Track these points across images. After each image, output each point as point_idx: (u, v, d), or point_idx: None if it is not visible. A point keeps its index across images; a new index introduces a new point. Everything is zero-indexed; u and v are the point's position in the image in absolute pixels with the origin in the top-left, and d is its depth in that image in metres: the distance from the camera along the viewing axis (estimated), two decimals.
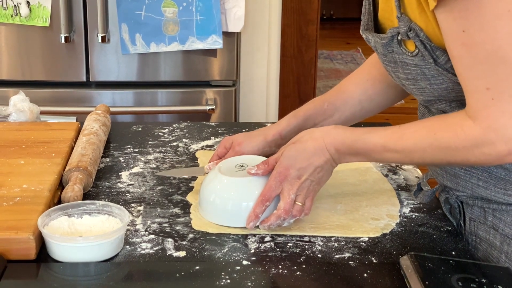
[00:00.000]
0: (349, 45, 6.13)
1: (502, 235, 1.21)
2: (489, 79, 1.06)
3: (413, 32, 1.13)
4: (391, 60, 1.20)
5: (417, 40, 1.13)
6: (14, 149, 1.44)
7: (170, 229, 1.22)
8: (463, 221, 1.27)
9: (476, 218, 1.24)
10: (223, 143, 1.40)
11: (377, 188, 1.39)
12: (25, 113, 1.61)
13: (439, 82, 1.16)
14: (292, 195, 1.21)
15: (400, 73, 1.20)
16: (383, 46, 1.19)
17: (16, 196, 1.24)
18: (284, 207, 1.20)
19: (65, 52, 2.42)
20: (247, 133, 1.42)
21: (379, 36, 1.19)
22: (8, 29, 2.39)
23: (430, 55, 1.13)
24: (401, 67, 1.19)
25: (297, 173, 1.21)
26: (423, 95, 1.21)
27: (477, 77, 1.07)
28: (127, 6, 2.34)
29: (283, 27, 2.87)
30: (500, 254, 1.21)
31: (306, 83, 3.10)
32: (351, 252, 1.16)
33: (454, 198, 1.28)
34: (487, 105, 1.07)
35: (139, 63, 2.45)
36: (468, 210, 1.26)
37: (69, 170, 1.34)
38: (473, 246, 1.26)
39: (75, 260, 1.11)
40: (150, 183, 1.40)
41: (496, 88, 1.06)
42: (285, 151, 1.23)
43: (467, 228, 1.27)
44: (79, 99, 2.47)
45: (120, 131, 1.67)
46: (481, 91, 1.07)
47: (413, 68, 1.17)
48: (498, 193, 1.20)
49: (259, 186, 1.23)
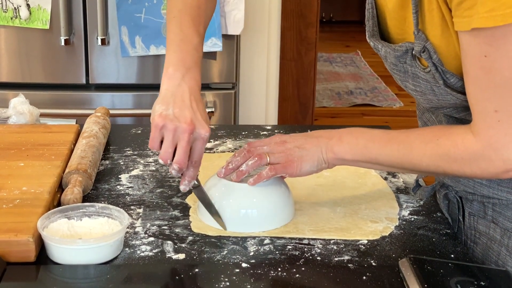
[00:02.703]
0: (349, 48, 6.14)
1: (502, 228, 1.22)
2: (500, 103, 1.07)
3: (427, 53, 1.13)
4: (402, 70, 1.20)
5: (430, 61, 1.13)
6: (14, 151, 1.44)
7: (169, 232, 1.23)
8: (462, 216, 1.28)
9: (476, 212, 1.26)
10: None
11: (376, 191, 1.40)
12: (24, 115, 1.61)
13: (447, 99, 1.17)
14: (266, 148, 1.23)
15: (410, 83, 1.20)
16: (396, 58, 1.19)
17: (15, 199, 1.24)
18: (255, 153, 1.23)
19: (65, 55, 2.42)
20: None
21: (392, 47, 1.19)
22: (8, 31, 2.39)
23: (440, 76, 1.14)
24: (411, 79, 1.19)
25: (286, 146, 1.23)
26: (430, 105, 1.22)
27: (488, 99, 1.08)
28: (127, 9, 2.35)
29: (283, 30, 2.88)
30: (500, 247, 1.22)
31: (305, 86, 3.10)
32: (350, 255, 1.16)
33: (453, 194, 1.29)
34: (492, 126, 1.08)
35: (138, 66, 2.45)
36: (467, 205, 1.27)
37: (69, 173, 1.35)
38: (472, 240, 1.27)
39: (75, 262, 1.12)
40: (149, 185, 1.40)
41: (505, 112, 1.07)
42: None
43: (466, 223, 1.28)
44: (79, 101, 2.47)
45: (119, 133, 1.67)
46: (489, 112, 1.08)
47: (424, 82, 1.17)
48: (501, 192, 1.21)
49: (258, 193, 1.24)
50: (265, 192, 1.24)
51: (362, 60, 5.78)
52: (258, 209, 1.24)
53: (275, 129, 1.74)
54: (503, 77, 1.05)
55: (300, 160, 1.22)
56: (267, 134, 1.68)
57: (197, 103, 1.23)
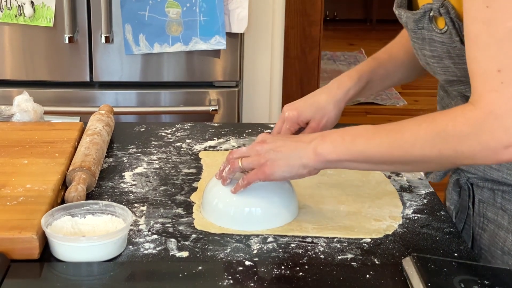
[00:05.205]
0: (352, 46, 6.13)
1: (510, 216, 1.23)
2: (503, 61, 1.02)
3: (445, 8, 1.13)
4: (420, 37, 1.20)
5: (447, 17, 1.13)
6: (18, 149, 1.44)
7: (173, 230, 1.23)
8: (472, 203, 1.29)
9: (486, 199, 1.26)
10: (295, 121, 1.41)
11: (380, 189, 1.40)
12: (29, 113, 1.61)
13: (463, 61, 1.14)
14: (244, 149, 1.23)
15: (427, 50, 1.20)
16: (414, 22, 1.19)
17: (19, 196, 1.24)
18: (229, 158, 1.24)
19: (69, 52, 2.42)
20: (317, 106, 1.41)
21: (412, 12, 1.20)
22: (12, 29, 2.39)
23: (457, 33, 1.13)
24: (428, 44, 1.19)
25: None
26: (446, 74, 1.21)
27: (491, 57, 1.03)
28: (131, 7, 2.35)
29: (287, 28, 2.88)
30: (507, 234, 1.23)
31: (309, 84, 3.10)
32: (354, 253, 1.17)
33: (464, 180, 1.29)
34: (494, 88, 1.03)
35: (142, 64, 2.45)
36: (478, 192, 1.28)
37: (73, 170, 1.35)
38: (480, 227, 1.28)
39: (78, 260, 1.12)
40: (153, 183, 1.40)
41: (508, 71, 1.02)
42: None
43: (476, 210, 1.29)
44: (83, 99, 2.47)
45: (123, 131, 1.67)
46: (492, 73, 1.03)
47: (440, 45, 1.17)
48: (511, 176, 1.21)
49: (262, 191, 1.24)
50: (269, 191, 1.24)
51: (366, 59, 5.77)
52: (262, 207, 1.24)
53: None
54: (505, 29, 1.02)
55: (272, 165, 1.19)
56: (270, 132, 1.68)
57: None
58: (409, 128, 1.12)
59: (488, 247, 1.27)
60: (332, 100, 1.41)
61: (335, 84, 1.42)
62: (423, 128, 1.10)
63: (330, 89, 1.42)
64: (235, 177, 1.24)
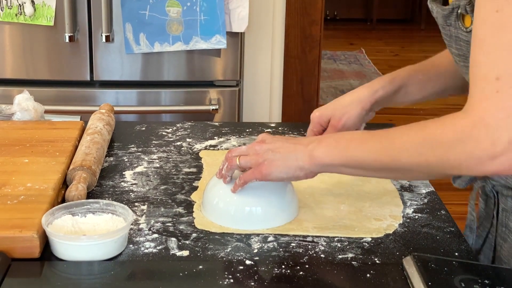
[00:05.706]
0: (353, 46, 6.13)
1: None
2: (503, 69, 1.00)
3: (471, 6, 1.10)
4: (448, 33, 1.19)
5: (473, 14, 1.09)
6: (19, 147, 1.44)
7: (173, 229, 1.23)
8: (496, 212, 1.25)
9: (509, 208, 1.23)
10: (317, 121, 1.40)
11: (380, 188, 1.40)
12: (29, 112, 1.61)
13: None
14: (244, 148, 1.23)
15: (453, 48, 1.19)
16: (443, 18, 1.18)
17: (20, 195, 1.24)
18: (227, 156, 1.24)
19: (69, 51, 2.42)
20: (339, 105, 1.41)
21: (442, 7, 1.19)
22: (12, 28, 2.39)
23: None
24: (454, 42, 1.18)
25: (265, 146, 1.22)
26: (469, 75, 1.20)
27: (492, 63, 1.01)
28: (131, 6, 2.35)
29: (287, 28, 2.88)
30: None
31: (309, 83, 3.10)
32: (354, 253, 1.17)
33: (490, 188, 1.26)
34: (488, 96, 1.01)
35: (143, 63, 2.45)
36: (502, 200, 1.24)
37: (73, 169, 1.35)
38: (502, 237, 1.24)
39: (79, 258, 1.12)
40: (153, 182, 1.40)
41: (506, 81, 1.00)
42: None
43: (499, 219, 1.25)
44: (83, 98, 2.47)
45: (124, 130, 1.67)
46: (490, 80, 1.01)
47: (465, 44, 1.15)
48: None
49: (262, 190, 1.24)
50: (269, 190, 1.24)
51: (366, 58, 5.77)
52: (263, 206, 1.24)
53: (279, 126, 1.74)
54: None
55: (269, 165, 1.19)
56: (271, 132, 1.68)
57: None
58: (399, 134, 1.11)
59: (507, 258, 1.23)
60: (355, 99, 1.40)
61: (364, 85, 1.42)
62: (412, 135, 1.09)
63: (357, 89, 1.42)
64: (234, 176, 1.24)
